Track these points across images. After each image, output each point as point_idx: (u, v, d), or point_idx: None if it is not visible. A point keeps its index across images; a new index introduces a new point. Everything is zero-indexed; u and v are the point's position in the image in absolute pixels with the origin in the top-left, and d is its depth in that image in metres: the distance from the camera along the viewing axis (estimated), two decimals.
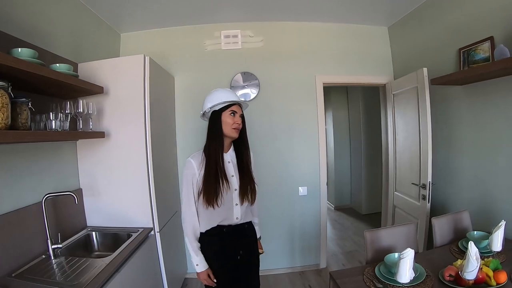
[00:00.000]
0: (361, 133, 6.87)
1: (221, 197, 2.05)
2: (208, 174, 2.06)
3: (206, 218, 2.14)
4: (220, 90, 2.18)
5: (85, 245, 2.77)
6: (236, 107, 2.13)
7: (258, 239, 2.47)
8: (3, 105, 1.61)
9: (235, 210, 2.17)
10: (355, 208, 7.42)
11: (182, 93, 3.99)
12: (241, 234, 2.24)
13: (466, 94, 3.04)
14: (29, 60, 1.82)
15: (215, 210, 2.07)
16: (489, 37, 2.69)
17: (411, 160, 3.67)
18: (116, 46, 3.92)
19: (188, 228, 2.14)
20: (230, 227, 2.17)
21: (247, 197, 2.19)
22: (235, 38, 4.01)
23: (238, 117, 2.12)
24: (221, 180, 2.06)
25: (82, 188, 2.98)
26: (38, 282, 1.88)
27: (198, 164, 2.10)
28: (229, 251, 2.17)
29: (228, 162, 2.18)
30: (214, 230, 2.14)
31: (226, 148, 2.19)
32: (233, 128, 2.09)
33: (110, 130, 2.89)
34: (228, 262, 2.17)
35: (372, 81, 4.31)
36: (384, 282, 1.92)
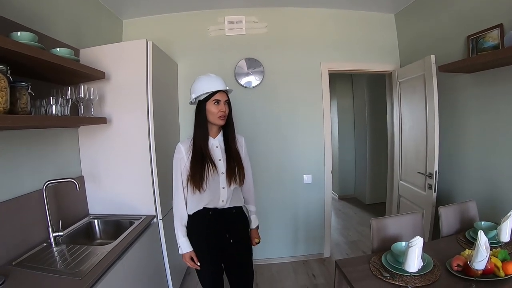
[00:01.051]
0: (365, 121, 6.82)
1: (207, 181, 2.11)
2: (195, 159, 2.13)
3: (195, 201, 2.20)
4: (203, 79, 2.20)
5: (87, 233, 2.76)
6: (220, 95, 2.14)
7: (256, 228, 2.48)
8: (1, 89, 1.57)
9: (221, 193, 2.20)
10: (359, 197, 7.40)
11: (185, 80, 3.93)
12: (228, 218, 2.27)
13: (474, 82, 2.98)
14: (29, 43, 1.78)
15: (201, 194, 2.14)
16: (498, 24, 2.64)
17: (417, 149, 3.62)
18: (118, 32, 3.87)
19: (175, 211, 2.23)
20: (216, 210, 2.22)
21: (234, 179, 2.22)
22: (239, 24, 3.94)
23: (222, 104, 2.14)
24: (207, 164, 2.12)
25: (84, 176, 2.96)
26: (38, 270, 1.86)
27: (186, 149, 2.18)
28: (215, 235, 2.22)
29: (216, 147, 2.23)
30: (200, 212, 2.20)
31: (215, 133, 2.25)
32: (218, 116, 2.13)
33: (112, 116, 2.85)
34: (214, 245, 2.22)
35: (378, 68, 4.25)
36: (391, 271, 1.89)
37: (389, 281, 1.81)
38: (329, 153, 4.22)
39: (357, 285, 1.82)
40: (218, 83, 2.17)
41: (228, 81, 3.88)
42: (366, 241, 4.79)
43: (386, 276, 1.86)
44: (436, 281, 1.78)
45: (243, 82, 3.95)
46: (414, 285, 1.74)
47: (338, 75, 6.81)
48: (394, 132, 4.28)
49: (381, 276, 1.87)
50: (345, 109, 7.43)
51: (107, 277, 1.93)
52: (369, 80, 6.64)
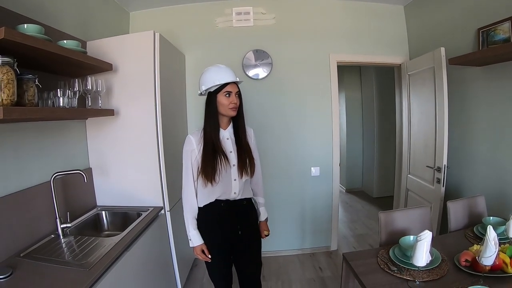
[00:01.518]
0: (374, 114, 6.77)
1: (219, 173, 2.08)
2: (206, 151, 2.10)
3: (206, 193, 2.17)
4: (212, 70, 2.17)
5: (95, 225, 2.77)
6: (231, 86, 2.12)
7: (265, 221, 2.47)
8: (8, 81, 1.57)
9: (233, 185, 2.18)
10: (366, 191, 7.37)
11: (193, 71, 3.92)
12: (239, 210, 2.25)
13: (484, 75, 2.94)
14: (35, 36, 1.78)
15: (213, 187, 2.11)
16: (509, 17, 2.59)
17: (425, 143, 3.60)
18: (125, 24, 3.86)
19: (186, 204, 2.21)
20: (228, 202, 2.20)
21: (246, 170, 2.21)
22: (247, 15, 3.90)
23: (233, 96, 2.11)
24: (219, 156, 2.10)
25: (91, 167, 2.97)
26: (46, 262, 1.87)
27: (197, 140, 2.15)
28: (227, 227, 2.21)
29: (227, 138, 2.21)
30: (212, 204, 2.18)
31: (225, 125, 2.22)
32: (230, 108, 2.10)
33: (120, 108, 2.86)
34: (224, 238, 2.21)
35: (387, 60, 4.20)
36: (399, 265, 1.89)
37: (397, 275, 1.81)
38: (337, 145, 4.20)
39: (364, 279, 1.82)
40: (229, 74, 2.14)
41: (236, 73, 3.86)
42: (373, 234, 4.78)
43: (394, 270, 1.85)
44: (444, 276, 1.77)
45: (251, 74, 3.93)
46: (421, 279, 1.73)
47: (346, 67, 6.76)
48: (403, 125, 4.24)
49: (388, 270, 1.87)
50: (353, 101, 7.37)
51: (115, 268, 1.95)
52: (378, 73, 6.57)
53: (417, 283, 1.71)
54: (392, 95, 4.64)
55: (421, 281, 1.72)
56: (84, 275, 1.70)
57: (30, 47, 1.70)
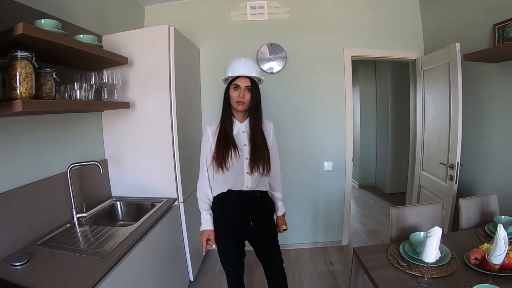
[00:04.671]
0: (388, 110, 6.71)
1: (230, 161, 2.14)
2: (219, 142, 2.17)
3: (219, 182, 2.24)
4: (232, 62, 2.20)
5: (110, 215, 2.84)
6: (242, 80, 2.12)
7: (282, 215, 2.49)
8: (27, 75, 1.62)
9: (245, 178, 2.21)
10: (379, 187, 7.34)
11: (207, 65, 3.96)
12: (251, 201, 2.27)
13: (500, 72, 2.91)
14: (52, 30, 1.82)
15: (226, 174, 2.17)
16: None
17: (439, 139, 3.57)
18: (140, 19, 3.89)
19: (199, 190, 2.30)
20: (240, 192, 2.23)
21: (257, 167, 2.20)
22: (261, 9, 3.90)
23: (242, 90, 2.11)
24: (230, 146, 2.15)
25: (107, 159, 3.03)
26: (61, 250, 1.93)
27: (213, 131, 2.23)
28: (238, 217, 2.25)
29: (242, 132, 2.24)
30: (224, 194, 2.23)
31: (241, 118, 2.26)
32: (236, 101, 2.13)
33: (135, 101, 2.91)
34: (236, 228, 2.26)
35: (401, 55, 4.16)
36: (409, 261, 1.89)
37: (406, 271, 1.82)
38: (351, 140, 4.19)
39: (373, 273, 1.83)
40: (242, 67, 2.14)
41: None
42: (385, 230, 4.77)
43: (403, 266, 1.86)
44: (453, 273, 1.77)
45: (265, 67, 3.93)
46: (430, 276, 1.74)
47: (361, 62, 6.72)
48: (417, 121, 4.21)
49: (398, 265, 1.87)
50: (368, 96, 7.32)
51: (129, 257, 2.00)
52: (393, 68, 6.50)
53: (426, 279, 1.71)
54: (406, 90, 4.61)
55: (430, 278, 1.73)
56: (99, 263, 1.76)
57: (47, 41, 1.73)
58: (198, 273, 3.52)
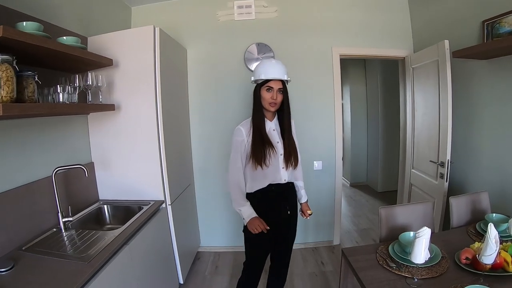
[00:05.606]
0: (378, 108, 6.74)
1: (269, 158, 2.25)
2: (255, 141, 2.26)
3: (258, 179, 2.34)
4: (263, 63, 2.32)
5: (97, 218, 2.80)
6: (274, 82, 2.23)
7: (306, 202, 2.71)
8: (7, 78, 1.58)
9: (282, 173, 2.37)
10: (370, 185, 7.36)
11: (195, 66, 3.93)
12: (287, 192, 2.48)
13: (489, 69, 2.90)
14: (34, 33, 1.79)
15: (265, 171, 2.29)
16: None
17: (429, 137, 3.57)
18: (126, 19, 3.85)
19: (233, 184, 2.35)
20: (278, 186, 2.38)
21: (291, 161, 2.39)
22: (249, 8, 3.87)
23: (274, 92, 2.23)
24: (266, 145, 2.26)
25: (93, 162, 2.99)
26: (47, 255, 1.90)
27: (247, 131, 2.30)
28: (278, 208, 2.42)
29: (273, 130, 2.38)
30: (264, 189, 2.35)
31: (271, 117, 2.40)
32: (269, 103, 2.25)
33: (121, 103, 2.87)
34: (276, 218, 2.40)
35: (390, 54, 4.16)
36: (398, 261, 1.88)
37: (395, 272, 1.80)
38: (340, 139, 4.18)
39: (362, 275, 1.82)
40: (275, 70, 2.25)
41: (238, 67, 3.88)
42: (377, 229, 4.71)
43: (393, 267, 1.85)
44: (443, 273, 1.76)
45: (253, 67, 3.86)
46: (420, 276, 1.73)
47: (351, 60, 6.73)
48: (407, 120, 4.21)
49: (387, 266, 1.86)
50: (358, 95, 7.33)
51: (114, 261, 1.97)
52: (382, 66, 6.53)
53: (416, 281, 1.70)
54: (396, 89, 4.60)
55: (420, 278, 1.71)
56: (84, 268, 1.73)
57: (29, 44, 1.71)
58: (188, 276, 3.49)
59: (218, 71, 3.94)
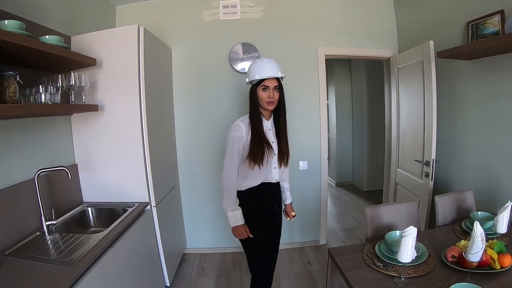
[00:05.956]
0: (364, 108, 6.78)
1: (267, 158, 2.27)
2: (255, 139, 2.25)
3: (250, 178, 2.34)
4: (256, 63, 2.29)
5: (81, 221, 2.74)
6: (270, 81, 2.22)
7: (291, 203, 2.74)
8: None
9: (273, 172, 2.42)
10: (356, 184, 7.40)
11: (179, 66, 3.89)
12: (277, 191, 2.56)
13: (474, 69, 2.94)
14: (15, 32, 1.75)
15: (260, 171, 2.29)
16: (499, 10, 2.57)
17: (414, 137, 3.60)
18: (111, 19, 3.79)
19: (228, 186, 2.30)
20: (269, 184, 2.43)
21: (284, 161, 2.47)
22: (234, 8, 3.85)
23: (271, 91, 2.22)
24: (265, 144, 2.27)
25: (77, 164, 2.93)
26: (31, 260, 1.86)
27: (246, 127, 2.26)
28: (270, 205, 2.49)
29: (269, 129, 2.38)
30: (256, 188, 2.36)
31: (268, 116, 2.39)
32: (266, 102, 2.24)
33: (104, 103, 2.82)
34: (269, 215, 2.47)
35: (376, 54, 4.18)
36: (384, 261, 1.88)
37: (382, 271, 1.80)
38: (326, 139, 4.19)
39: (349, 275, 1.81)
40: (269, 69, 2.23)
41: (223, 67, 3.86)
42: (363, 228, 4.77)
43: (379, 266, 1.85)
44: (430, 272, 1.76)
45: (238, 67, 3.88)
46: (407, 275, 1.73)
47: (336, 61, 6.76)
48: (392, 119, 4.24)
49: (374, 266, 1.86)
50: (344, 95, 7.38)
51: (99, 265, 1.93)
52: (368, 66, 6.57)
53: (403, 279, 1.70)
54: (382, 89, 4.63)
55: (407, 277, 1.72)
56: (67, 272, 1.69)
57: (10, 43, 1.67)
58: (174, 278, 3.46)
59: (203, 71, 3.91)
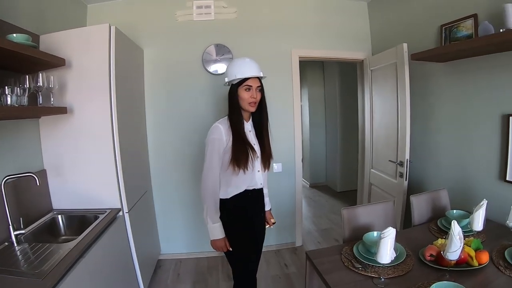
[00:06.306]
0: (337, 110, 6.84)
1: (252, 161, 2.14)
2: (237, 142, 2.12)
3: (234, 184, 2.19)
4: (236, 63, 2.20)
5: (51, 230, 2.61)
6: (252, 81, 2.13)
7: (269, 210, 2.63)
8: None
9: (257, 176, 2.28)
10: (330, 185, 7.46)
11: (152, 67, 3.80)
12: (261, 197, 2.43)
13: (447, 71, 3.00)
14: None
15: (244, 175, 2.16)
16: (472, 14, 2.64)
17: (388, 137, 3.64)
18: (82, 18, 3.66)
19: (208, 195, 2.13)
20: (255, 191, 2.30)
21: (267, 164, 2.34)
22: (208, 8, 3.80)
23: (254, 91, 2.13)
24: (248, 147, 2.15)
25: (46, 169, 2.80)
26: None
27: (226, 130, 2.12)
28: (255, 213, 2.37)
29: (249, 131, 2.27)
30: (241, 195, 2.22)
31: (248, 117, 2.29)
32: (249, 103, 2.13)
33: (74, 105, 2.70)
34: (253, 223, 2.34)
35: (349, 56, 4.23)
36: (363, 262, 1.87)
37: (361, 273, 1.79)
38: (299, 141, 4.20)
39: (328, 277, 1.79)
40: (251, 68, 2.15)
41: (196, 69, 3.80)
42: (338, 229, 4.81)
43: (358, 267, 1.84)
44: (409, 271, 1.78)
45: (211, 69, 3.83)
46: (387, 276, 1.73)
47: (309, 63, 6.80)
48: (365, 121, 4.28)
49: (353, 268, 1.85)
50: (316, 97, 7.44)
51: (71, 276, 1.84)
52: (341, 69, 6.63)
53: (383, 280, 1.70)
54: (355, 91, 4.68)
55: (387, 278, 1.71)
56: (38, 285, 1.60)
57: None
58: (149, 285, 3.38)
59: (175, 72, 3.84)
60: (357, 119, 4.62)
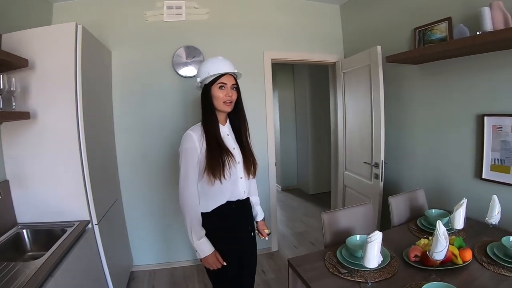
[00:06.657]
0: (307, 113, 6.86)
1: (228, 168, 1.94)
2: (211, 148, 1.93)
3: (215, 195, 2.00)
4: (209, 61, 2.06)
5: (16, 246, 2.42)
6: (227, 78, 1.99)
7: (263, 220, 2.41)
8: None
9: (240, 184, 2.07)
10: (302, 188, 7.46)
11: (120, 69, 3.64)
12: (247, 208, 2.23)
13: (421, 73, 3.06)
14: None
15: (222, 185, 1.95)
16: (446, 17, 2.69)
17: (362, 139, 3.65)
18: (47, 16, 3.46)
19: (187, 209, 1.95)
20: (239, 202, 2.09)
21: (251, 170, 2.13)
22: (179, 9, 3.70)
23: (229, 89, 1.99)
24: (224, 152, 1.96)
25: (8, 180, 2.61)
26: None
27: (199, 137, 1.95)
28: (241, 229, 2.15)
29: (227, 135, 2.09)
30: (222, 207, 2.02)
31: (224, 120, 2.11)
32: (224, 102, 1.97)
33: (38, 110, 2.53)
34: (239, 241, 2.12)
35: (321, 59, 4.25)
36: (348, 267, 1.83)
37: (348, 278, 1.75)
38: (273, 144, 4.18)
39: (314, 285, 1.73)
40: (224, 65, 2.01)
41: (166, 71, 3.69)
42: (312, 231, 4.80)
43: (344, 273, 1.79)
44: (395, 273, 1.75)
45: (182, 72, 3.73)
46: (374, 279, 1.69)
47: (279, 66, 6.78)
48: (338, 123, 4.29)
49: (338, 273, 1.80)
50: (286, 100, 7.45)
51: None
52: (311, 71, 6.66)
53: (370, 284, 1.66)
54: (326, 93, 4.69)
55: (373, 282, 1.68)
56: None
57: None
58: None
59: (145, 75, 3.71)
60: (329, 121, 4.63)
